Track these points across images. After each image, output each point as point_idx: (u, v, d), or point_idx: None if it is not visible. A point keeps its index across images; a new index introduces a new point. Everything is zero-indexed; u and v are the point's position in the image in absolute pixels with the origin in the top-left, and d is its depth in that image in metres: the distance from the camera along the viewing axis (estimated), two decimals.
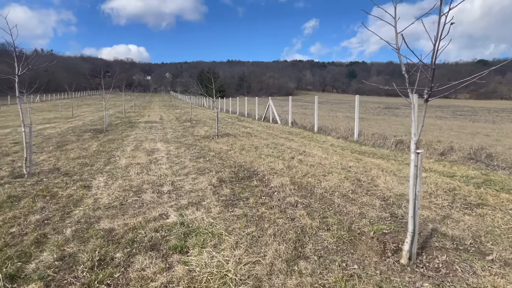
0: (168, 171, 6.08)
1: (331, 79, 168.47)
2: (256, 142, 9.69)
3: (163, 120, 19.84)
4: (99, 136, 11.49)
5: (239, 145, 9.07)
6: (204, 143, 9.79)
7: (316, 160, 6.88)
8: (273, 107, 17.68)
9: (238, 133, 12.40)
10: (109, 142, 9.86)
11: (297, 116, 21.02)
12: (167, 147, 9.11)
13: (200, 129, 13.82)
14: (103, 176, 5.71)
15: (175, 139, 10.78)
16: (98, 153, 8.00)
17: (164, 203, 4.26)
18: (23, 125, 5.73)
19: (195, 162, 6.94)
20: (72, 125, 15.59)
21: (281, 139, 10.54)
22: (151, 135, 12.02)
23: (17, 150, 8.32)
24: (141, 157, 7.44)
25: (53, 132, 12.53)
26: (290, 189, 4.80)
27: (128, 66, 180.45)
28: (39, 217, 3.74)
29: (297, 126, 14.98)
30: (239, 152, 8.00)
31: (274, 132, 12.54)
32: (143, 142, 9.98)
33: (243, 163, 6.77)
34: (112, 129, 13.89)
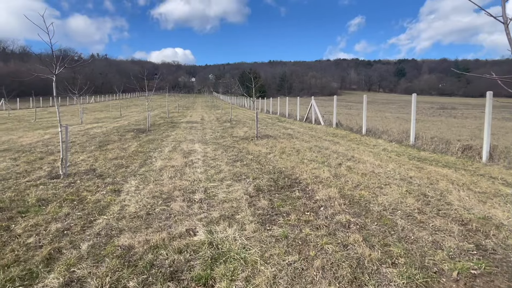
0: (202, 176, 5.62)
1: (378, 78, 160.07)
2: (298, 145, 8.95)
3: (204, 120, 19.86)
4: (140, 136, 11.56)
5: (279, 148, 8.41)
6: (242, 145, 9.28)
7: (368, 168, 5.98)
8: (316, 107, 16.74)
9: (279, 134, 11.74)
10: (148, 143, 9.79)
11: (342, 117, 19.82)
12: (205, 148, 8.75)
13: (239, 130, 13.40)
14: (135, 180, 5.41)
15: (213, 140, 10.44)
16: (136, 154, 7.86)
17: (193, 215, 3.76)
18: (60, 125, 5.64)
19: (231, 166, 6.43)
20: (118, 125, 16.11)
21: (325, 142, 9.68)
22: (190, 135, 11.84)
23: None
24: (177, 159, 7.11)
25: (99, 131, 12.93)
26: (340, 204, 4.03)
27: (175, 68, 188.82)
28: (60, 226, 3.44)
29: (343, 127, 13.91)
30: (279, 156, 7.34)
31: (317, 134, 11.67)
32: (181, 143, 9.76)
33: (284, 168, 6.10)
34: (154, 129, 14.03)
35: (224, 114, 26.06)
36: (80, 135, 11.75)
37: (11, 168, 6.21)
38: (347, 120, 16.29)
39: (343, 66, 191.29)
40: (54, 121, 20.60)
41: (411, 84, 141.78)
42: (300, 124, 16.18)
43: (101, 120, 20.20)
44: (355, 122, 15.60)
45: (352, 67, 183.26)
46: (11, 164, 6.61)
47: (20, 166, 6.38)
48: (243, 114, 26.10)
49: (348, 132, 12.20)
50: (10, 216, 3.70)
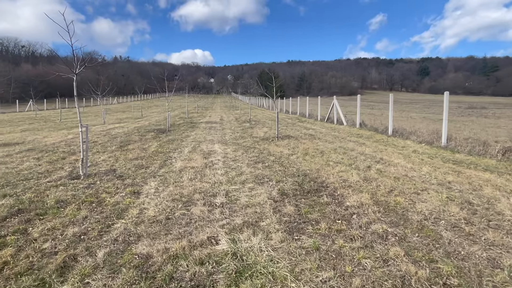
0: (223, 178, 5.39)
1: (400, 77, 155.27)
2: (321, 146, 8.58)
3: (223, 120, 19.75)
4: (160, 136, 11.53)
5: (301, 149, 8.08)
6: (263, 145, 9.01)
7: (400, 171, 5.55)
8: (338, 106, 16.23)
9: (300, 135, 11.38)
10: (168, 143, 9.70)
11: (365, 117, 19.19)
12: (225, 149, 8.55)
13: (259, 130, 13.14)
14: (155, 181, 5.25)
15: (233, 141, 10.23)
16: (156, 154, 7.75)
17: (214, 221, 3.52)
18: (80, 126, 5.57)
19: (253, 167, 6.16)
20: (139, 125, 16.25)
21: (350, 142, 9.24)
22: (210, 136, 11.70)
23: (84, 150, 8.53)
24: (197, 160, 6.93)
25: (120, 131, 13.03)
26: (374, 212, 3.67)
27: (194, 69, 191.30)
28: (77, 230, 3.28)
29: (367, 128, 13.36)
30: (302, 158, 7.01)
31: (340, 135, 11.23)
32: (201, 143, 9.61)
33: (308, 171, 5.78)
34: (174, 129, 14.01)
35: (243, 114, 25.91)
36: (102, 135, 11.87)
37: (33, 168, 6.22)
38: (370, 120, 15.69)
39: (363, 65, 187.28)
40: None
41: (435, 83, 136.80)
42: (321, 124, 15.73)
43: (123, 121, 20.51)
44: (379, 122, 14.99)
45: (373, 66, 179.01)
46: (34, 164, 6.64)
47: (42, 166, 6.40)
48: (262, 114, 25.85)
49: (373, 133, 11.67)
50: (28, 219, 3.60)
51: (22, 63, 75.61)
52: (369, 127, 13.56)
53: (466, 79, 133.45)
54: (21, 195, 4.44)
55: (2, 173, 5.80)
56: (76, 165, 6.52)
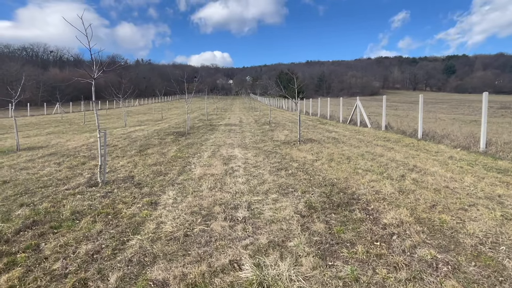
0: (245, 187, 5.07)
1: (424, 76, 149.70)
2: (347, 151, 8.10)
3: (242, 123, 19.51)
4: (180, 139, 11.40)
5: (326, 155, 7.64)
6: (284, 150, 8.64)
7: (440, 182, 5.02)
8: (361, 108, 15.58)
9: (323, 138, 10.92)
10: (187, 147, 9.52)
11: (389, 118, 18.41)
12: (245, 154, 8.24)
13: (279, 133, 12.77)
14: (173, 190, 5.01)
15: (253, 145, 9.92)
16: (175, 159, 7.56)
17: (236, 240, 3.19)
18: (98, 131, 5.42)
19: (275, 175, 5.81)
20: (159, 128, 16.27)
21: (377, 147, 8.70)
22: (229, 139, 11.45)
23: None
24: (217, 166, 6.66)
25: (140, 135, 13.03)
26: (417, 232, 3.23)
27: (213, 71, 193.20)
28: (91, 248, 3.06)
29: (393, 130, 12.69)
30: (327, 164, 6.58)
31: (365, 138, 10.66)
32: (220, 147, 9.37)
33: (336, 180, 5.36)
34: (194, 132, 13.89)
35: (262, 116, 25.60)
36: (123, 138, 11.88)
37: (53, 174, 6.15)
38: (396, 122, 14.95)
39: (385, 64, 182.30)
40: (101, 123, 21.53)
41: (462, 82, 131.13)
42: (344, 127, 15.14)
43: (143, 123, 20.71)
44: (406, 124, 14.24)
45: (395, 65, 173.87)
46: (55, 169, 6.59)
47: (62, 172, 6.32)
48: (281, 116, 25.44)
49: (400, 136, 11.01)
50: (42, 232, 3.42)
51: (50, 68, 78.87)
52: (395, 129, 12.87)
53: (496, 77, 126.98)
54: (38, 205, 4.31)
55: (23, 179, 5.75)
56: (95, 171, 6.40)
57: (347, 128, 14.22)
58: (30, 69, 60.79)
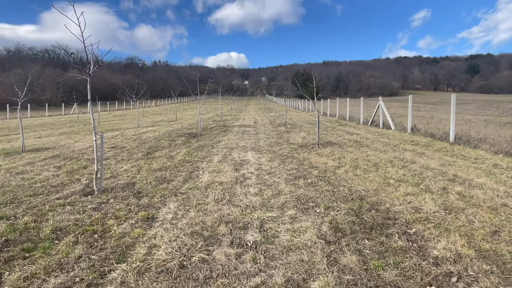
0: (257, 200, 4.37)
1: (446, 76, 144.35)
2: (372, 156, 7.26)
3: (257, 124, 18.84)
4: (191, 141, 10.83)
5: (349, 160, 6.83)
6: (302, 154, 7.88)
7: (493, 198, 4.14)
8: (384, 109, 14.58)
9: (343, 141, 10.07)
10: (197, 150, 8.91)
11: (413, 120, 17.33)
12: (259, 158, 7.54)
13: (296, 135, 12.00)
14: (175, 201, 4.36)
15: (268, 148, 9.20)
16: (183, 164, 6.94)
17: (244, 278, 2.49)
18: (94, 134, 4.85)
19: (292, 185, 5.08)
20: (171, 129, 15.82)
21: (406, 152, 7.80)
22: (242, 141, 10.78)
23: (109, 156, 7.99)
24: (227, 173, 5.99)
25: (151, 136, 12.57)
26: (484, 272, 2.42)
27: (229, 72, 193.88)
28: (60, 282, 2.43)
29: (420, 133, 11.67)
30: (352, 172, 5.79)
31: (391, 142, 9.74)
32: (232, 151, 8.71)
33: (364, 192, 4.57)
34: (206, 133, 13.32)
35: (277, 117, 24.84)
36: (132, 140, 11.43)
37: (49, 180, 5.65)
38: (422, 124, 13.89)
39: (404, 64, 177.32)
40: (115, 124, 21.41)
41: (487, 82, 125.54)
42: (365, 129, 14.19)
43: (157, 123, 20.38)
44: (434, 126, 13.16)
45: (415, 65, 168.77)
46: (52, 174, 6.10)
47: (60, 177, 5.82)
48: (297, 117, 24.61)
49: (430, 139, 10.02)
50: (10, 257, 2.83)
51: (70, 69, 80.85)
52: (423, 132, 11.85)
53: None
54: (19, 218, 3.75)
55: (15, 185, 5.26)
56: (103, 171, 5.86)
57: (369, 130, 13.27)
58: (50, 70, 62.33)
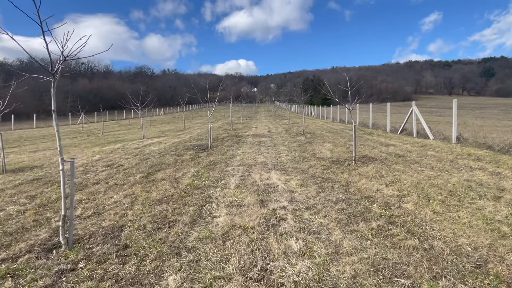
0: (307, 268, 2.72)
1: (460, 80, 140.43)
2: (437, 178, 5.54)
3: (271, 132, 17.23)
4: (200, 156, 9.28)
5: (410, 185, 5.14)
6: (341, 175, 6.22)
7: None
8: (419, 115, 12.81)
9: (382, 155, 8.37)
10: (209, 168, 7.34)
11: (440, 126, 15.49)
12: (286, 181, 5.91)
13: (321, 147, 10.33)
14: (177, 272, 2.75)
15: (293, 164, 7.57)
16: (190, 191, 5.36)
17: None
18: (61, 160, 3.31)
19: (352, 233, 3.41)
20: (178, 140, 14.34)
21: (475, 171, 6.06)
22: (260, 155, 9.17)
23: (100, 180, 6.47)
24: (250, 207, 4.37)
25: (155, 149, 11.07)
26: None
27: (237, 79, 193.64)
28: None
29: (468, 143, 9.87)
30: (428, 208, 4.09)
31: (443, 156, 7.99)
32: (251, 169, 7.10)
33: (476, 254, 2.88)
34: (217, 145, 11.78)
35: (292, 124, 23.19)
36: (134, 155, 9.95)
37: (9, 220, 4.13)
38: (468, 133, 12.11)
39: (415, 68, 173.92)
40: (120, 134, 20.13)
41: (503, 85, 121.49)
42: (399, 138, 12.42)
43: (164, 133, 18.99)
44: (482, 135, 11.35)
45: (427, 69, 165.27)
46: (18, 209, 4.58)
47: (24, 216, 4.29)
48: (314, 124, 22.91)
49: (489, 152, 8.22)
50: None
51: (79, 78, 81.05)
52: (471, 142, 10.05)
53: None
54: None
55: None
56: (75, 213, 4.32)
57: (405, 140, 11.50)
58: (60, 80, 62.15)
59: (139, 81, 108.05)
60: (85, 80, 79.86)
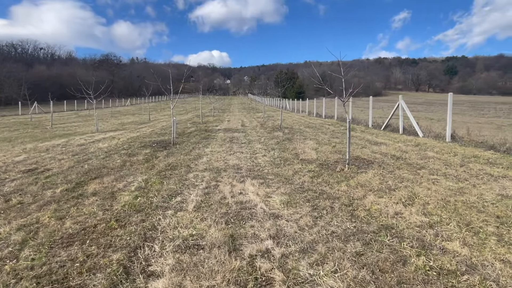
0: None
1: (427, 77, 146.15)
2: (465, 193, 4.21)
3: (245, 127, 15.60)
4: (158, 156, 7.47)
5: (436, 205, 3.75)
6: (336, 185, 4.75)
7: None
8: (407, 110, 11.72)
9: (376, 156, 7.04)
10: (164, 176, 5.59)
11: (422, 122, 14.83)
12: (267, 196, 4.34)
13: (303, 146, 8.87)
14: None
15: (273, 168, 6.02)
16: (126, 217, 3.62)
17: None
18: None
19: None
20: (137, 135, 12.32)
21: (502, 181, 4.82)
22: (233, 156, 7.54)
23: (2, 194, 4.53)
24: (213, 256, 2.74)
25: (104, 146, 9.07)
26: None
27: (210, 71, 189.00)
28: None
29: (465, 142, 8.85)
30: (485, 249, 2.69)
31: (445, 158, 6.78)
32: (220, 176, 5.46)
33: None
34: (182, 141, 9.99)
35: (267, 118, 21.67)
36: (73, 154, 7.93)
37: None
38: (436, 127, 11.29)
39: (385, 64, 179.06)
40: (72, 127, 17.61)
41: (465, 83, 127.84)
42: (385, 135, 11.26)
43: (124, 126, 16.75)
44: (475, 133, 10.44)
45: (395, 65, 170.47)
46: None
47: None
48: (290, 118, 21.54)
49: (495, 154, 7.14)
50: None
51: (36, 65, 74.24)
52: (468, 141, 9.04)
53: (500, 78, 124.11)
54: None
55: None
56: None
57: (394, 138, 10.33)
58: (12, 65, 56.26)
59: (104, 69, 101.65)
60: (43, 67, 73.20)
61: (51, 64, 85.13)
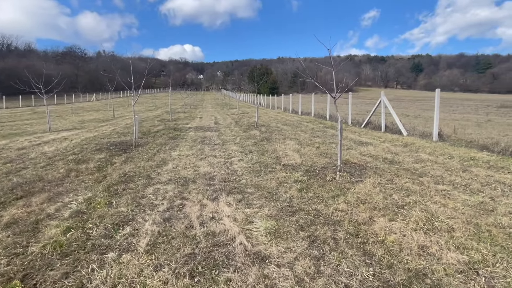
0: None
1: (395, 74, 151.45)
2: (490, 212, 3.45)
3: (219, 124, 14.45)
4: (114, 162, 6.21)
5: (467, 233, 2.93)
6: (331, 201, 3.84)
7: None
8: (390, 107, 11.16)
9: (366, 159, 6.26)
10: (114, 192, 4.40)
11: (401, 119, 14.58)
12: (247, 222, 3.34)
13: (284, 147, 7.95)
14: None
15: (253, 177, 5.02)
16: (46, 266, 2.47)
17: None
18: None
19: None
20: (94, 135, 10.81)
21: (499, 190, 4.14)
22: (204, 161, 6.43)
23: None
24: None
25: (50, 150, 7.60)
26: None
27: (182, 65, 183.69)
28: None
29: (454, 141, 8.35)
30: None
31: (442, 161, 6.12)
32: (188, 191, 4.37)
33: None
34: (147, 142, 8.72)
35: (242, 115, 20.61)
36: (7, 160, 6.44)
37: None
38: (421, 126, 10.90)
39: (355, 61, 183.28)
40: (23, 125, 15.58)
41: (430, 80, 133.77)
42: (368, 133, 10.62)
43: (82, 125, 15.01)
44: (461, 131, 10.05)
45: (365, 63, 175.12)
46: None
47: None
48: (266, 115, 20.61)
49: (492, 155, 6.60)
50: None
51: None
52: (454, 139, 8.55)
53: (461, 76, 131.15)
54: None
55: None
56: None
57: (378, 137, 9.67)
58: None
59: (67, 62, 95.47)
60: None
61: (6, 56, 78.13)
